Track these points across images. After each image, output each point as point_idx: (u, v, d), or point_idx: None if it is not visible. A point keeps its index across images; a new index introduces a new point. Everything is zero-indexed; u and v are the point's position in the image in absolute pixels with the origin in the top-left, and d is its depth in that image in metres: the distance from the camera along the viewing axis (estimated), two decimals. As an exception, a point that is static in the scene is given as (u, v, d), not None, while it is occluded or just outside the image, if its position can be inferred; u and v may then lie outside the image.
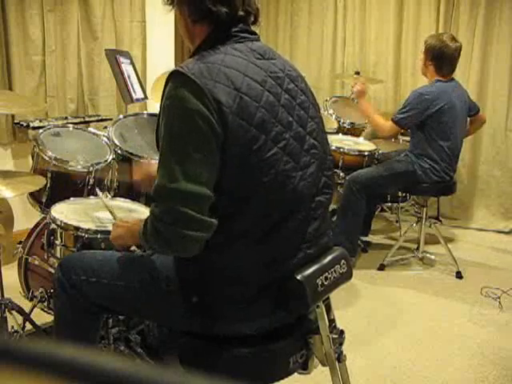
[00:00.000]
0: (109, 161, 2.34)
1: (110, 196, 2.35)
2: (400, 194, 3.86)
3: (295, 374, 1.46)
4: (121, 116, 2.61)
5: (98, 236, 1.79)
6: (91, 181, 2.27)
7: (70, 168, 2.25)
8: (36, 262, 2.12)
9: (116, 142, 2.35)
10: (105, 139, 2.45)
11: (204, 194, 1.22)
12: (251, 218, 1.29)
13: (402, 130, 3.34)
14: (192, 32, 1.39)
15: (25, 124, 3.17)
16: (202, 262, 1.32)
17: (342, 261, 1.48)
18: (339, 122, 3.92)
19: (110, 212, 1.84)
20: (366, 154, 3.45)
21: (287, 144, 1.32)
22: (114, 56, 2.94)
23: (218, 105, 1.21)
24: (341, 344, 1.51)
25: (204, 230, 1.23)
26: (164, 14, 1.49)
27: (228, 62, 1.28)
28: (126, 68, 2.98)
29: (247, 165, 1.26)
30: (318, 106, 1.51)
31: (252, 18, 1.40)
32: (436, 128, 3.15)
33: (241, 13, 1.35)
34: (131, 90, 2.95)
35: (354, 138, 3.75)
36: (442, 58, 3.16)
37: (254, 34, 1.41)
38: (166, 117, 1.25)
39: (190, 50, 1.43)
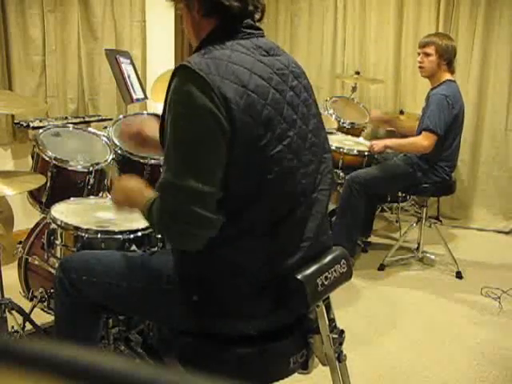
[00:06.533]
0: (109, 161, 2.34)
1: (110, 196, 2.35)
2: (400, 194, 3.86)
3: (295, 373, 1.46)
4: (121, 116, 2.61)
5: (98, 236, 1.79)
6: (91, 181, 2.27)
7: (70, 168, 2.25)
8: (36, 262, 2.12)
9: (116, 142, 2.35)
10: (105, 139, 2.46)
11: (210, 191, 1.21)
12: (256, 214, 1.30)
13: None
14: (199, 26, 1.36)
15: (25, 124, 3.17)
16: (205, 259, 1.32)
17: (342, 260, 1.48)
18: (339, 122, 3.93)
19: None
20: (366, 154, 3.45)
21: (291, 141, 1.32)
22: (114, 56, 2.94)
23: (226, 101, 1.20)
24: (341, 344, 1.51)
25: (210, 227, 1.24)
26: (164, 14, 1.49)
27: (235, 58, 1.27)
28: (126, 68, 2.98)
29: (252, 162, 1.26)
30: (317, 104, 1.51)
31: (258, 14, 1.39)
32: (450, 130, 3.14)
33: (250, 8, 1.34)
34: (131, 90, 2.95)
35: (354, 138, 3.75)
36: (453, 57, 3.21)
37: (259, 29, 1.39)
38: (172, 113, 1.24)
39: (193, 44, 1.40)
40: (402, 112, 4.35)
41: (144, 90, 3.13)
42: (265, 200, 1.29)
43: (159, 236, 1.78)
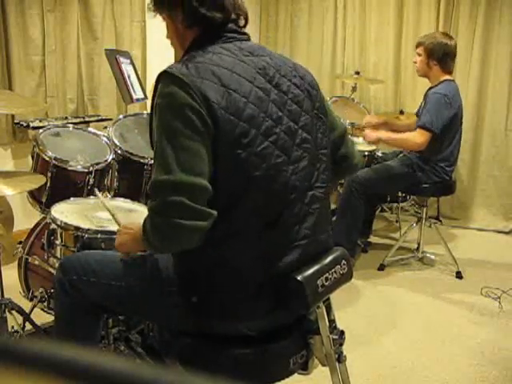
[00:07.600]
0: (109, 161, 2.34)
1: (109, 196, 2.35)
2: (400, 194, 3.86)
3: (295, 374, 1.46)
4: (121, 116, 2.61)
5: (98, 236, 1.79)
6: (91, 181, 2.27)
7: (70, 168, 2.25)
8: (36, 262, 2.12)
9: (116, 142, 2.35)
10: (105, 139, 2.46)
11: (199, 183, 1.22)
12: (247, 212, 1.30)
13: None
14: (183, 37, 1.41)
15: (25, 124, 3.17)
16: (201, 259, 1.32)
17: (343, 261, 1.48)
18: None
19: (112, 215, 1.85)
20: (366, 154, 3.45)
21: (278, 138, 1.33)
22: (114, 56, 2.94)
23: (206, 101, 1.23)
24: (341, 344, 1.50)
25: (200, 218, 1.22)
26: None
27: (216, 60, 1.31)
28: (126, 68, 2.98)
29: (238, 159, 1.27)
30: (322, 98, 1.49)
31: (242, 21, 1.43)
32: (448, 129, 3.14)
33: (233, 16, 1.39)
34: (131, 90, 2.94)
35: (354, 138, 3.74)
36: (446, 56, 3.16)
37: (244, 34, 1.42)
38: (158, 114, 1.27)
39: (177, 53, 1.45)
40: (401, 112, 4.35)
41: (144, 90, 3.13)
42: (253, 197, 1.29)
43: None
